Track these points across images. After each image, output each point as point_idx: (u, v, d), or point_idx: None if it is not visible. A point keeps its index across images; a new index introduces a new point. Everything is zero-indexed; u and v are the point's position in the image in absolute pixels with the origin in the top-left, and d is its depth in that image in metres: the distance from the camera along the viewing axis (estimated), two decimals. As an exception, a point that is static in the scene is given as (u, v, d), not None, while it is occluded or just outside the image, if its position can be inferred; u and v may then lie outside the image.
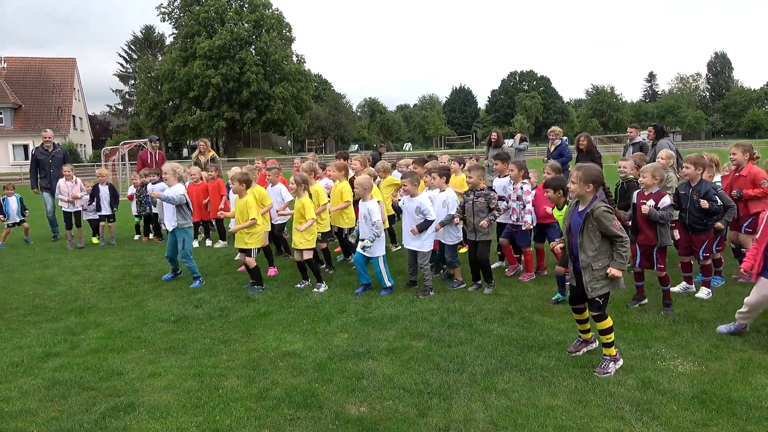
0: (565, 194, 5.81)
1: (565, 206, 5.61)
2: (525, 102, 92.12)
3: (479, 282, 6.56)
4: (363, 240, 6.54)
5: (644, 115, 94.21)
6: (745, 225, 6.48)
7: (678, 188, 6.12)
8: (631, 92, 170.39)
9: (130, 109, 72.53)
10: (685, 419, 3.50)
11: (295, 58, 59.63)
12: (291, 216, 7.32)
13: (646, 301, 5.85)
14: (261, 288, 6.83)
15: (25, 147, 51.06)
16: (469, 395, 3.89)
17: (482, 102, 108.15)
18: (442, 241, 6.72)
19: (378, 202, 6.77)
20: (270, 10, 57.30)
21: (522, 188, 6.80)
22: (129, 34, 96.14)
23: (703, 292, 6.01)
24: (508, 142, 14.83)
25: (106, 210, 11.07)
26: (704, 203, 5.68)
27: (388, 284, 6.57)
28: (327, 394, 4.00)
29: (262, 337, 5.26)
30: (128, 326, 5.69)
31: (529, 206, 6.74)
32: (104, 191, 11.12)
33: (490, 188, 6.75)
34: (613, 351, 4.24)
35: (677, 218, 5.97)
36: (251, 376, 4.35)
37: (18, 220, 11.19)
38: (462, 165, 8.66)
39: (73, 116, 55.48)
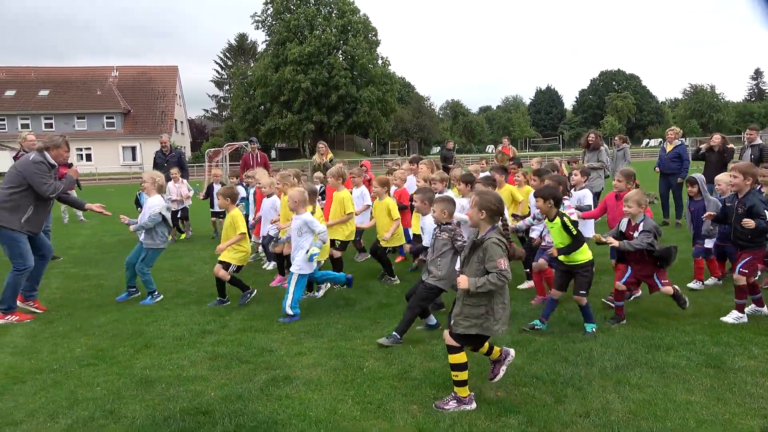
0: (557, 205, 5.29)
1: (557, 219, 5.23)
2: (616, 102, 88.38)
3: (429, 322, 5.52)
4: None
5: (749, 115, 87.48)
6: None
7: (726, 200, 5.64)
8: (735, 91, 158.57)
9: (224, 113, 76.75)
10: (835, 422, 3.48)
11: (380, 62, 60.78)
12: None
13: (624, 321, 5.45)
14: (248, 294, 6.66)
15: (133, 149, 55.50)
16: (602, 387, 4.05)
17: (569, 103, 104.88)
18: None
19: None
20: (357, 15, 58.76)
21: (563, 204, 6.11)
22: (223, 42, 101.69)
23: (732, 316, 5.35)
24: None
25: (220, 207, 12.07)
26: (748, 223, 5.16)
27: (293, 312, 5.90)
28: (463, 378, 4.28)
29: (389, 325, 5.61)
30: (266, 311, 6.26)
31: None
32: (218, 189, 12.10)
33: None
34: (464, 392, 3.80)
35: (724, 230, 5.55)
36: (388, 359, 4.72)
37: None
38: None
39: (175, 120, 59.51)
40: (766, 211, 5.19)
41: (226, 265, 6.56)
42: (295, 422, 3.65)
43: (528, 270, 6.88)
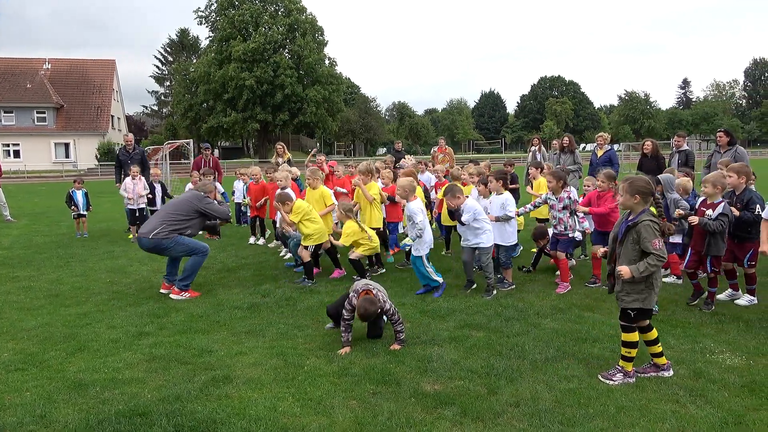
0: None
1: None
2: (555, 107, 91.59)
3: None
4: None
5: (678, 122, 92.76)
6: None
7: (722, 196, 6.17)
8: (665, 99, 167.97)
9: (165, 110, 74.46)
10: (737, 404, 3.81)
11: (327, 62, 60.51)
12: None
13: (705, 294, 6.04)
14: (310, 282, 7.26)
15: (66, 145, 52.95)
16: (533, 378, 4.26)
17: (511, 107, 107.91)
18: (497, 242, 7.00)
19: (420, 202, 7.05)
20: (304, 15, 58.30)
21: (570, 198, 6.77)
22: (164, 37, 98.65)
23: (745, 299, 6.11)
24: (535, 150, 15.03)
25: (159, 205, 11.91)
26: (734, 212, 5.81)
27: (437, 279, 6.73)
28: (402, 373, 4.41)
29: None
30: (206, 311, 6.19)
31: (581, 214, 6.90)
32: (158, 188, 11.93)
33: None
34: (628, 366, 4.22)
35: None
36: (329, 357, 4.78)
37: (82, 213, 11.94)
38: (540, 170, 9.21)
39: (112, 116, 57.20)
40: (757, 205, 5.82)
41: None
42: (235, 420, 3.66)
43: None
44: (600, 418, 3.64)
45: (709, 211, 5.82)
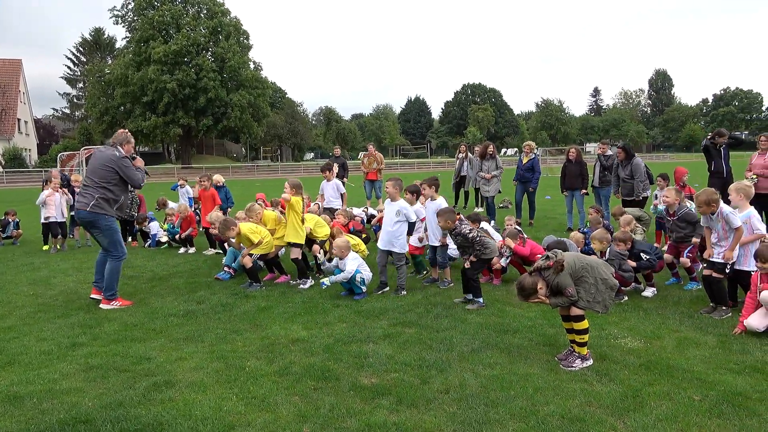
0: None
1: None
2: (477, 114, 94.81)
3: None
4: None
5: (590, 128, 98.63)
6: None
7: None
8: (578, 106, 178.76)
9: (78, 113, 70.59)
10: (636, 381, 4.36)
11: (252, 65, 59.63)
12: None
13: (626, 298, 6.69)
14: (258, 285, 7.43)
15: (-34, 150, 49.05)
16: (460, 368, 4.65)
17: (436, 113, 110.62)
18: (433, 244, 7.45)
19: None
20: (228, 18, 57.20)
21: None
22: (76, 35, 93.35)
23: (649, 291, 6.89)
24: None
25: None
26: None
27: (362, 288, 7.02)
28: (340, 369, 4.67)
29: (269, 327, 5.86)
30: (141, 320, 6.17)
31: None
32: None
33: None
34: (584, 351, 4.69)
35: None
36: (270, 358, 4.96)
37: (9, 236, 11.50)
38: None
39: (18, 119, 53.70)
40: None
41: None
42: (182, 421, 3.79)
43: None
44: (520, 399, 4.07)
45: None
